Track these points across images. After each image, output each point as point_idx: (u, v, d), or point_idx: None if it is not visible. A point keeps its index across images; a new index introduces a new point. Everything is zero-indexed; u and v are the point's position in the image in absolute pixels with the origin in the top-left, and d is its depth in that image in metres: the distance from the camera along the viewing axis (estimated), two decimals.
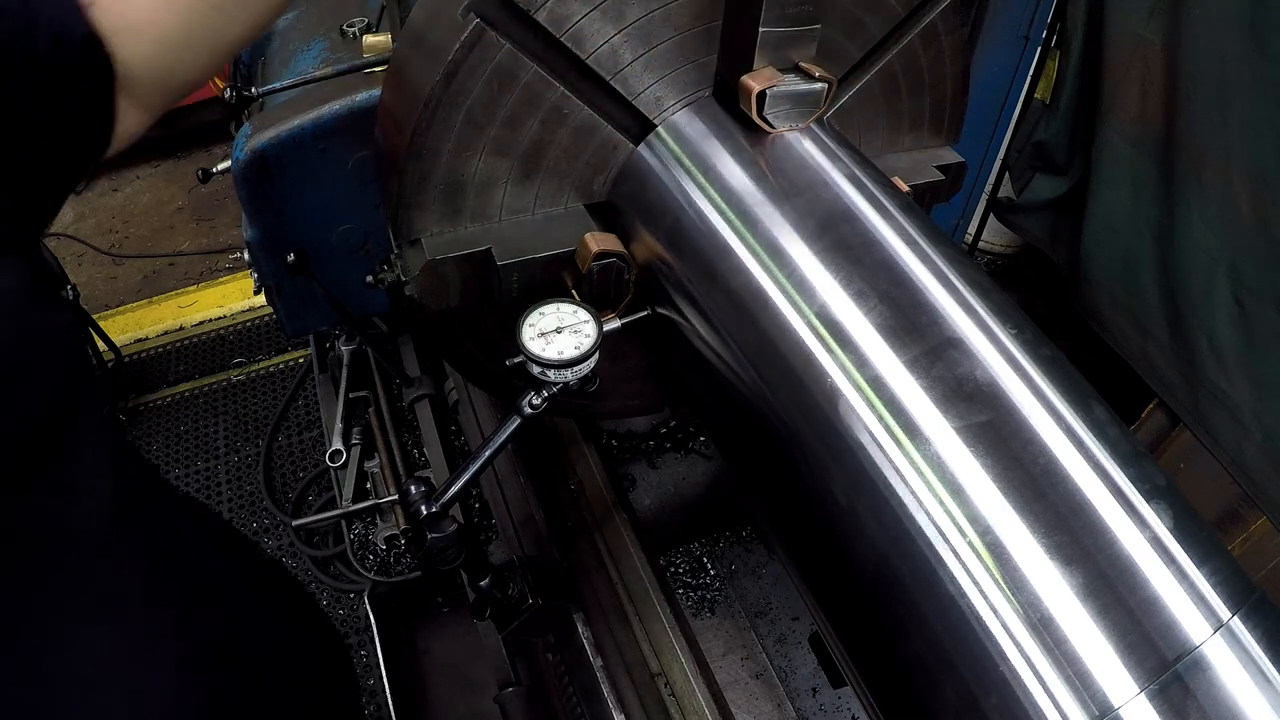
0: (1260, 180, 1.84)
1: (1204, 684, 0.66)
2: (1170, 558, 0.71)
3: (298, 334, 2.57)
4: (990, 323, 0.85)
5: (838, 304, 0.87)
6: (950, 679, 0.73)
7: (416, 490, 1.04)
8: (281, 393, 3.41)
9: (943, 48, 1.20)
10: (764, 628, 2.34)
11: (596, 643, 1.50)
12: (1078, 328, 2.54)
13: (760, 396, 0.92)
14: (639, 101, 1.05)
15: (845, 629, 0.89)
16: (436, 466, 2.52)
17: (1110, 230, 2.32)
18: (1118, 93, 2.19)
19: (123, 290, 3.94)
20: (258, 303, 3.71)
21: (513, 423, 1.03)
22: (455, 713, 2.26)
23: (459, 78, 0.96)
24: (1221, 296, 2.01)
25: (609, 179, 1.11)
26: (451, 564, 1.07)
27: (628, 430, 2.37)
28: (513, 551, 1.76)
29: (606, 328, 1.03)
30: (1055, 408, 0.79)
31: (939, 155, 1.30)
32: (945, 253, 0.92)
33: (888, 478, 0.78)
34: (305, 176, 1.91)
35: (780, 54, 0.99)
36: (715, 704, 1.31)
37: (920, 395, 0.80)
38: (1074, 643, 0.68)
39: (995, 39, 2.37)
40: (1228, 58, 1.84)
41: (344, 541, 2.83)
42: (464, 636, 2.34)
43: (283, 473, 3.14)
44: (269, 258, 2.04)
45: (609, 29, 1.00)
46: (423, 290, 1.06)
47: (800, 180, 0.99)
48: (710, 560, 2.46)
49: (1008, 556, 0.71)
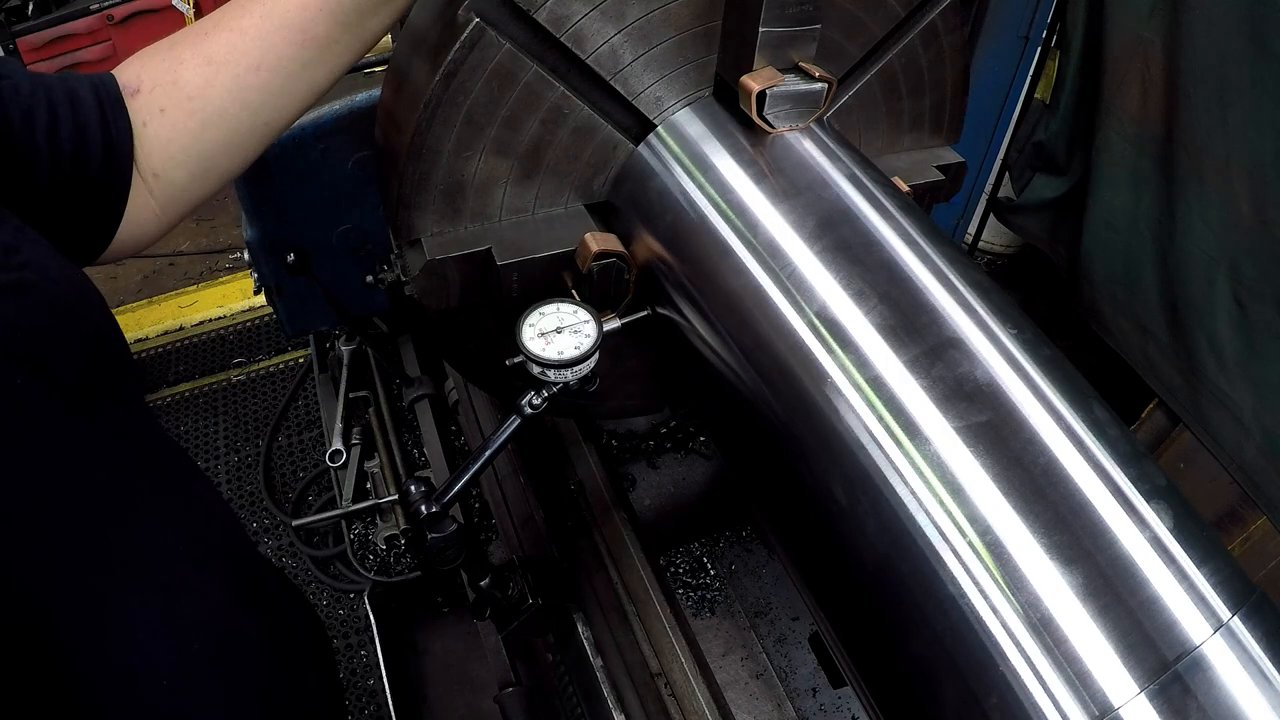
0: (1260, 180, 1.84)
1: (1204, 684, 0.66)
2: (1170, 558, 0.71)
3: (298, 334, 2.58)
4: (990, 323, 0.85)
5: (838, 304, 0.87)
6: (950, 679, 0.73)
7: (416, 490, 1.04)
8: (281, 393, 3.41)
9: (943, 48, 1.20)
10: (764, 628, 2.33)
11: (596, 643, 1.50)
12: (1078, 328, 2.54)
13: (760, 396, 0.92)
14: (639, 101, 1.05)
15: (845, 629, 0.89)
16: (436, 466, 2.52)
17: (1110, 230, 2.32)
18: (1118, 93, 2.19)
19: (123, 290, 3.94)
20: (258, 303, 3.71)
21: (513, 423, 1.03)
22: (455, 713, 2.26)
23: (459, 78, 0.96)
24: (1221, 296, 2.01)
25: (609, 179, 1.11)
26: (451, 564, 1.07)
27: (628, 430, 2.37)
28: (513, 551, 1.76)
29: (606, 328, 1.03)
30: (1055, 408, 0.79)
31: (939, 155, 1.30)
32: (945, 253, 0.92)
33: (888, 478, 0.78)
34: (305, 176, 1.91)
35: (780, 54, 0.99)
36: (715, 704, 1.31)
37: (920, 395, 0.80)
38: (1074, 643, 0.68)
39: (995, 39, 2.38)
40: (1228, 58, 1.84)
41: (344, 541, 2.83)
42: (464, 636, 2.34)
43: (283, 473, 3.14)
44: (269, 258, 2.04)
45: (609, 29, 1.00)
46: (423, 290, 1.06)
47: (800, 180, 0.99)
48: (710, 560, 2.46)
49: (1008, 556, 0.71)
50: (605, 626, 1.47)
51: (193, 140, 0.90)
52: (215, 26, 0.90)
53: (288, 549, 2.91)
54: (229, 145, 0.93)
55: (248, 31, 0.89)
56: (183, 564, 0.88)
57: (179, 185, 0.92)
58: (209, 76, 0.88)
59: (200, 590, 0.90)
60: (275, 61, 0.90)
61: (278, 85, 0.92)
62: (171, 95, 0.88)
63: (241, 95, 0.90)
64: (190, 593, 0.88)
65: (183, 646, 0.86)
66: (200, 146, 0.91)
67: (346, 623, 2.73)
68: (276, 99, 0.92)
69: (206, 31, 0.90)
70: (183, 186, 0.92)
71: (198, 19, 0.95)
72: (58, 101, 0.83)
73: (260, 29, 0.89)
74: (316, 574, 2.82)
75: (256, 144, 0.95)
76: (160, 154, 0.89)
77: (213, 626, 0.90)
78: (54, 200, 0.83)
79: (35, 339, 0.72)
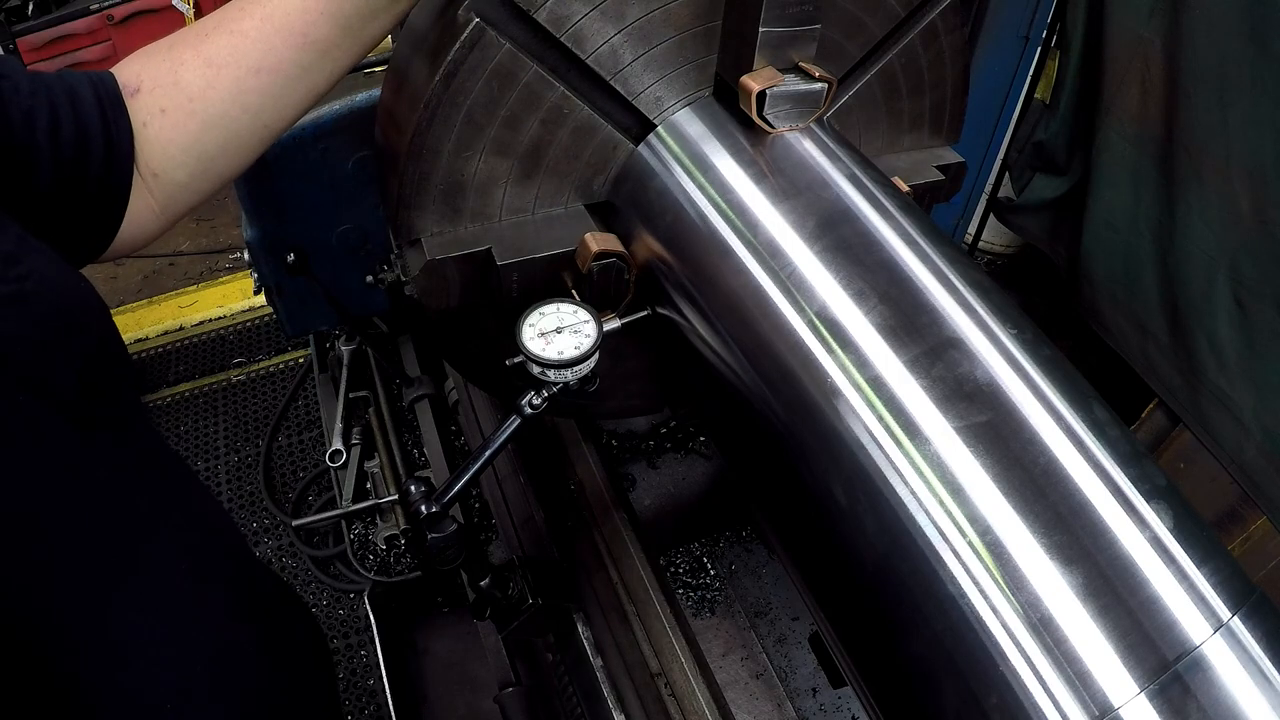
0: (1260, 180, 1.84)
1: (1204, 684, 0.66)
2: (1170, 558, 0.71)
3: (298, 334, 2.58)
4: (990, 323, 0.85)
5: (838, 304, 0.87)
6: (950, 679, 0.73)
7: (416, 490, 1.04)
8: (281, 393, 3.41)
9: (943, 48, 1.20)
10: (764, 628, 2.34)
11: (596, 643, 1.50)
12: (1078, 328, 2.54)
13: (760, 396, 0.92)
14: (639, 101, 1.05)
15: (845, 629, 0.89)
16: (436, 466, 2.52)
17: (1110, 230, 2.32)
18: (1118, 93, 2.19)
19: (123, 290, 3.94)
20: (258, 303, 3.71)
21: (513, 423, 1.03)
22: (455, 713, 2.26)
23: (459, 78, 0.96)
24: (1221, 296, 2.01)
25: (609, 179, 1.11)
26: (451, 564, 1.07)
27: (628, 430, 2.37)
28: (513, 551, 1.76)
29: (606, 328, 1.03)
30: (1055, 408, 0.79)
31: (939, 155, 1.30)
32: (945, 253, 0.92)
33: (888, 477, 0.78)
34: (305, 176, 1.91)
35: (780, 54, 0.99)
36: (715, 704, 1.31)
37: (920, 395, 0.80)
38: (1074, 642, 0.68)
39: (995, 39, 2.38)
40: (1228, 58, 1.84)
41: (344, 541, 2.83)
42: (464, 636, 2.34)
43: (283, 473, 3.14)
44: (269, 258, 2.04)
45: (609, 29, 1.00)
46: (423, 290, 1.06)
47: (800, 180, 0.99)
48: (710, 560, 2.46)
49: (1008, 556, 0.71)
50: (605, 626, 1.47)
51: (193, 141, 0.90)
52: (215, 28, 0.90)
53: (288, 549, 2.91)
54: (228, 147, 0.92)
55: (248, 34, 0.89)
56: (184, 579, 0.88)
57: (179, 185, 0.92)
58: (210, 78, 0.88)
59: (201, 605, 0.89)
60: (275, 64, 0.90)
61: (278, 88, 0.91)
62: (173, 96, 0.88)
63: (242, 98, 0.90)
64: (191, 608, 0.88)
65: (184, 664, 0.86)
66: (200, 148, 0.90)
67: (346, 623, 2.73)
68: (276, 101, 0.92)
69: (206, 33, 0.90)
70: (182, 186, 0.92)
71: (197, 19, 0.95)
72: (58, 101, 0.82)
73: (261, 31, 0.89)
74: (316, 574, 2.82)
75: (256, 145, 0.95)
76: (160, 154, 0.89)
77: (213, 642, 0.90)
78: (56, 201, 0.83)
79: (36, 351, 0.71)
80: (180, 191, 0.92)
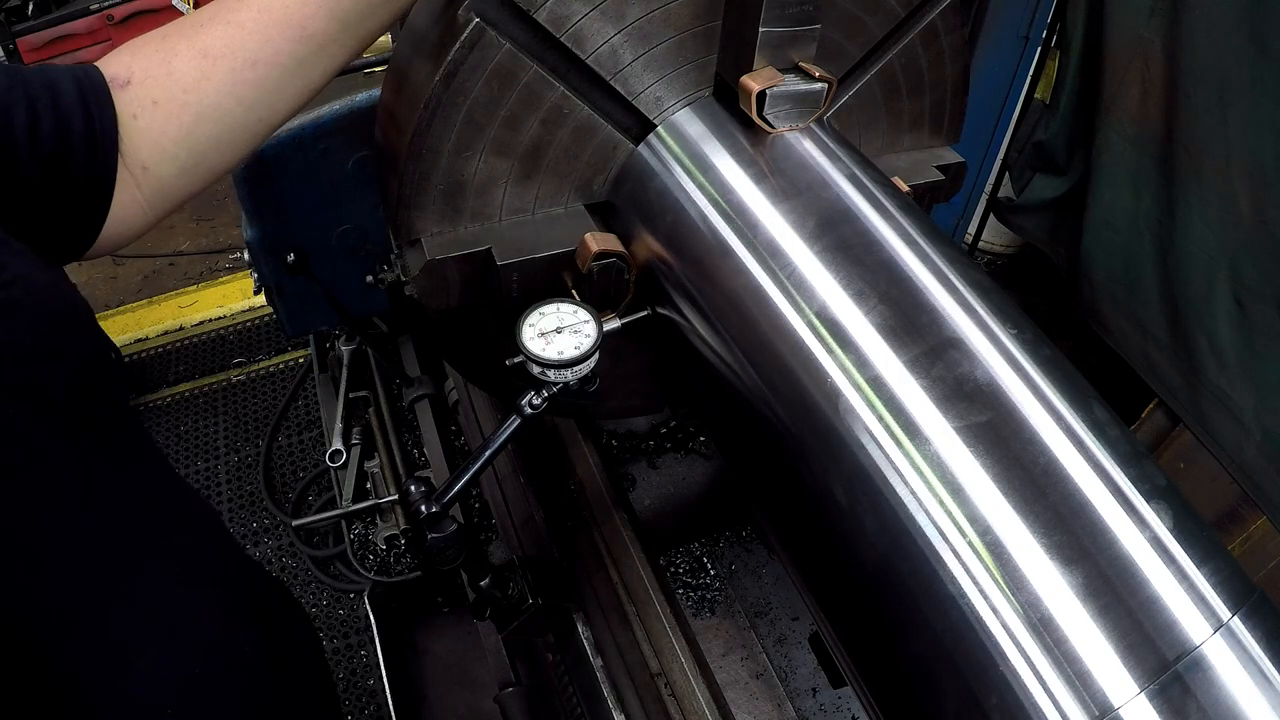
0: (1260, 180, 1.84)
1: (1204, 684, 0.66)
2: (1170, 558, 0.71)
3: (298, 334, 2.58)
4: (990, 323, 0.85)
5: (838, 304, 0.87)
6: (950, 679, 0.73)
7: (416, 490, 1.04)
8: (281, 393, 3.41)
9: (943, 48, 1.20)
10: (764, 628, 2.34)
11: (596, 643, 1.50)
12: (1078, 328, 2.54)
13: (760, 396, 0.92)
14: (639, 101, 1.06)
15: (845, 629, 0.89)
16: (436, 466, 2.52)
17: (1110, 230, 2.32)
18: (1118, 93, 2.19)
19: (123, 290, 3.94)
20: (258, 303, 3.71)
21: (513, 423, 1.03)
22: (455, 713, 2.26)
23: (459, 78, 0.96)
24: (1221, 296, 2.01)
25: (609, 179, 1.11)
26: (451, 564, 1.07)
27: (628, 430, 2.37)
28: (513, 551, 1.76)
29: (606, 328, 1.03)
30: (1055, 408, 0.79)
31: (939, 155, 1.30)
32: (945, 253, 0.92)
33: (888, 477, 0.78)
34: (305, 176, 1.91)
35: (780, 54, 0.99)
36: (715, 704, 1.31)
37: (920, 395, 0.80)
38: (1074, 643, 0.68)
39: (995, 39, 2.38)
40: (1228, 58, 1.84)
41: (344, 541, 2.83)
42: (464, 636, 2.34)
43: (283, 473, 3.14)
44: (269, 258, 2.04)
45: (609, 29, 1.00)
46: (423, 290, 1.06)
47: (800, 180, 0.99)
48: (710, 560, 2.46)
49: (1008, 556, 0.71)
50: (605, 626, 1.47)
51: (185, 134, 0.88)
52: (210, 19, 0.88)
53: (288, 549, 2.91)
54: (221, 141, 0.90)
55: (245, 25, 0.87)
56: (182, 582, 0.87)
57: (168, 180, 0.89)
58: (205, 70, 0.86)
59: (199, 607, 0.89)
60: (272, 57, 0.88)
61: (273, 81, 0.90)
62: (165, 87, 0.86)
63: (237, 90, 0.88)
64: (188, 617, 0.88)
65: (184, 665, 0.86)
66: (192, 141, 0.88)
67: (346, 623, 2.73)
68: (271, 95, 0.91)
69: (201, 24, 0.88)
70: (171, 181, 0.90)
71: None
72: (36, 96, 0.80)
73: (258, 23, 0.87)
74: (316, 574, 2.82)
75: (249, 140, 0.93)
76: (151, 147, 0.87)
77: (213, 643, 0.90)
78: (37, 197, 0.80)
79: (24, 361, 0.70)
80: (169, 186, 0.90)
